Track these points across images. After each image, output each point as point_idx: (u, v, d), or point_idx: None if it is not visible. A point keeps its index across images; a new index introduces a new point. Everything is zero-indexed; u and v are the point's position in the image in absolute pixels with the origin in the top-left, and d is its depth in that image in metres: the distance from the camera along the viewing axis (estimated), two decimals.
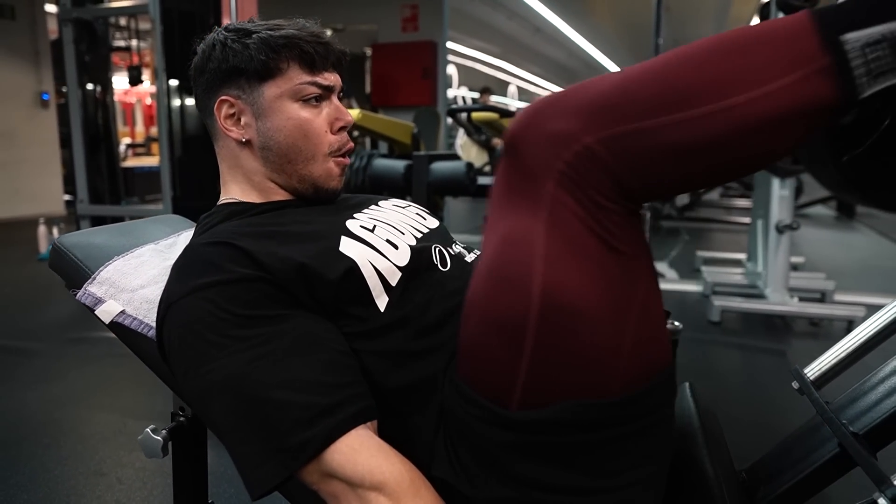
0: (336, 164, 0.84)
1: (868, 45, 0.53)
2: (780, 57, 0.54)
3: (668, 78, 0.55)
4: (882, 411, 0.79)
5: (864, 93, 0.54)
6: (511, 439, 0.61)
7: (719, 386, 2.11)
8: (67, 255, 0.91)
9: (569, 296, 0.56)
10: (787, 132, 0.55)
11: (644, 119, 0.54)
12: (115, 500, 1.42)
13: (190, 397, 0.68)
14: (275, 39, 0.80)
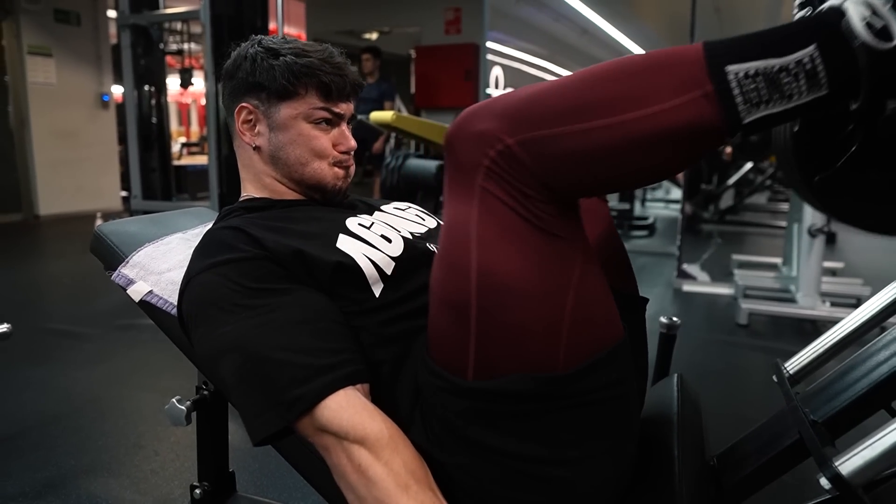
0: (339, 168, 0.93)
1: (747, 76, 0.59)
2: (672, 81, 0.60)
3: (578, 92, 0.61)
4: (841, 401, 0.83)
5: (745, 119, 0.60)
6: (466, 406, 0.68)
7: (735, 385, 2.13)
8: (106, 241, 1.02)
9: (502, 276, 0.63)
10: (678, 148, 0.61)
11: (554, 126, 0.60)
12: (151, 470, 1.55)
13: (203, 357, 0.78)
14: (298, 67, 0.88)
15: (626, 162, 0.62)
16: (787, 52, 0.58)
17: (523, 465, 0.68)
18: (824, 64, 0.58)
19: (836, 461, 0.70)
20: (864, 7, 0.58)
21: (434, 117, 6.25)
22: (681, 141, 0.60)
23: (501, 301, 0.63)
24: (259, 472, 1.53)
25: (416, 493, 0.67)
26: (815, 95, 0.59)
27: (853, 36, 0.58)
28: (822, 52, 0.58)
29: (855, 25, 0.57)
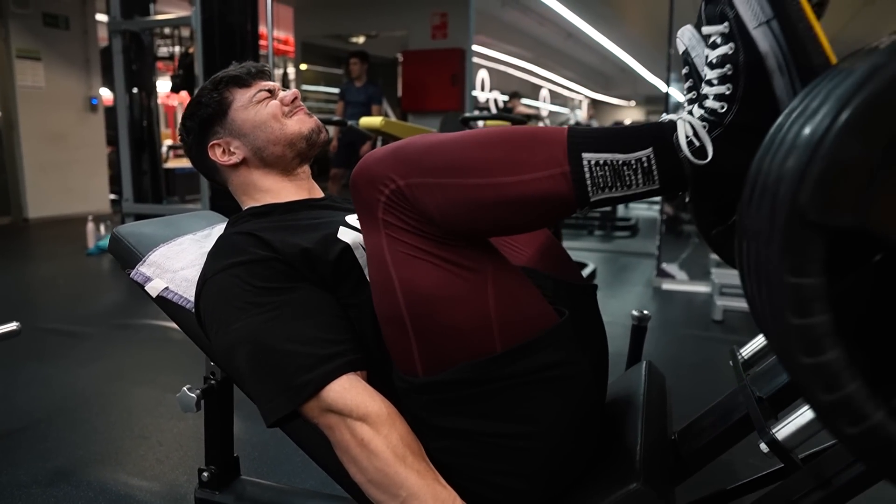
0: (297, 113, 1.07)
1: (597, 164, 0.70)
2: (540, 156, 0.71)
3: (464, 151, 0.72)
4: (783, 380, 0.94)
5: (591, 197, 0.71)
6: (426, 400, 0.78)
7: (707, 375, 2.25)
8: (123, 242, 1.11)
9: (423, 287, 0.73)
10: (535, 211, 0.72)
11: (439, 177, 0.71)
12: (156, 459, 1.64)
13: (219, 350, 0.88)
14: (214, 83, 1.07)
15: (493, 216, 0.72)
16: (630, 150, 0.70)
17: (492, 440, 0.78)
18: (657, 165, 0.70)
19: (774, 429, 0.81)
20: (690, 128, 0.70)
21: (421, 121, 6.36)
22: (538, 205, 0.71)
23: (429, 308, 0.73)
24: (259, 460, 1.63)
25: (412, 463, 0.77)
26: (649, 188, 0.71)
27: (679, 149, 0.70)
28: (656, 156, 0.70)
29: (680, 141, 0.70)
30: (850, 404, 0.51)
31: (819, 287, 0.50)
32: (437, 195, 0.71)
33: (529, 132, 0.74)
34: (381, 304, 0.78)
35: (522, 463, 0.79)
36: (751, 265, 0.56)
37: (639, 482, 0.78)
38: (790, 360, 0.52)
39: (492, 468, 0.79)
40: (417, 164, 0.72)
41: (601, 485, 0.83)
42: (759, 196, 0.55)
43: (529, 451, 0.79)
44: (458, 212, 0.71)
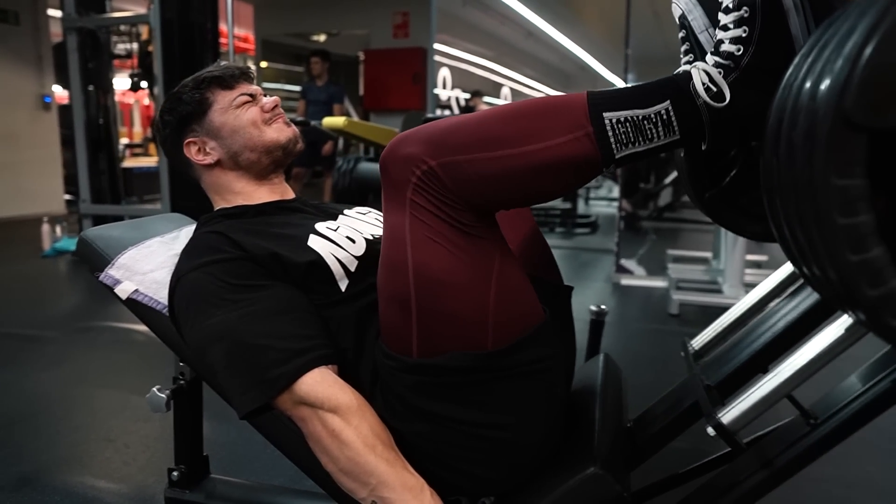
0: (277, 122, 1.09)
1: (618, 122, 0.74)
2: (563, 122, 0.75)
3: (490, 126, 0.76)
4: (729, 368, 1.01)
5: (616, 154, 0.75)
6: (414, 380, 0.82)
7: (663, 367, 2.33)
8: (92, 245, 1.12)
9: (434, 271, 0.77)
10: (565, 174, 0.77)
11: (468, 153, 0.74)
12: (123, 462, 1.64)
13: (193, 345, 0.90)
14: (196, 81, 1.07)
15: (525, 184, 0.76)
16: (649, 105, 0.74)
17: (468, 429, 0.82)
18: (676, 116, 0.74)
19: (720, 414, 0.88)
20: (705, 74, 0.74)
21: (383, 119, 6.38)
22: (567, 169, 0.76)
23: (435, 292, 0.77)
24: (227, 459, 1.64)
25: (381, 452, 0.81)
26: (670, 139, 0.75)
27: (696, 95, 0.74)
28: (674, 107, 0.74)
29: (697, 88, 0.74)
30: (895, 297, 0.55)
31: (863, 188, 0.54)
32: (468, 171, 0.74)
33: (549, 101, 0.78)
34: (390, 283, 0.80)
35: (493, 452, 0.84)
36: (786, 183, 0.60)
37: (596, 466, 0.84)
38: (838, 259, 0.56)
39: (463, 455, 0.83)
40: (447, 143, 0.75)
41: (561, 470, 0.88)
42: (792, 116, 0.59)
43: (502, 441, 0.83)
44: (490, 185, 0.75)
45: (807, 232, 0.59)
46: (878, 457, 1.71)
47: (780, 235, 0.68)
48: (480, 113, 0.78)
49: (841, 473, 1.60)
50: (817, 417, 0.91)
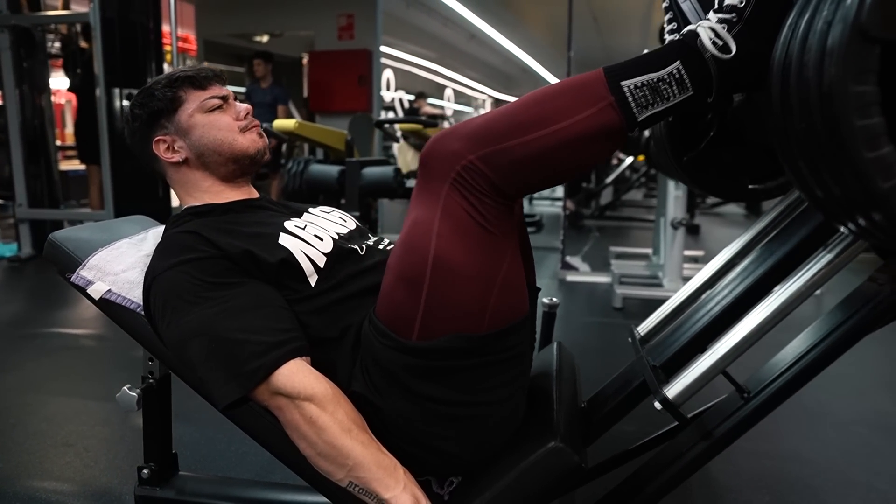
0: (251, 133, 1.12)
1: (636, 87, 0.83)
2: (585, 97, 0.83)
3: (517, 114, 0.84)
4: (672, 349, 1.11)
5: (639, 117, 0.84)
6: (410, 362, 0.87)
7: (610, 357, 2.46)
8: (61, 247, 1.13)
9: (452, 261, 0.83)
10: (597, 144, 0.84)
11: (503, 141, 0.82)
12: (84, 465, 1.64)
13: (170, 342, 0.94)
14: (169, 80, 1.09)
15: (560, 161, 0.84)
16: (661, 68, 0.83)
17: (448, 409, 0.90)
18: (687, 73, 0.83)
19: (665, 390, 0.97)
20: (711, 31, 0.83)
21: (328, 121, 6.36)
22: (596, 139, 0.84)
23: (448, 280, 0.84)
24: (191, 458, 1.66)
25: (356, 435, 0.87)
26: (685, 96, 0.84)
27: (705, 50, 0.83)
28: (685, 65, 0.83)
29: (705, 43, 0.82)
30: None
31: (876, 93, 0.63)
32: (506, 158, 0.81)
33: (568, 82, 0.86)
34: (406, 265, 0.87)
35: (467, 430, 0.91)
36: (802, 100, 0.68)
37: (556, 440, 0.92)
38: (856, 157, 0.64)
39: (437, 433, 0.90)
40: (483, 136, 0.82)
41: (523, 447, 0.95)
42: (802, 44, 0.68)
43: (476, 418, 0.91)
44: (527, 167, 0.82)
45: (826, 139, 0.67)
46: (804, 432, 1.86)
47: (789, 159, 0.76)
48: (508, 105, 0.86)
49: (772, 448, 1.74)
50: (750, 391, 1.02)
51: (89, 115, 4.16)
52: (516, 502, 0.92)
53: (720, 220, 6.71)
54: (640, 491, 1.05)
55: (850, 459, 1.70)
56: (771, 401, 1.00)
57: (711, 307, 1.14)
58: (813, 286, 0.96)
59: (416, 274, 0.85)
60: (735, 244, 1.29)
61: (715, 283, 1.28)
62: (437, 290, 0.85)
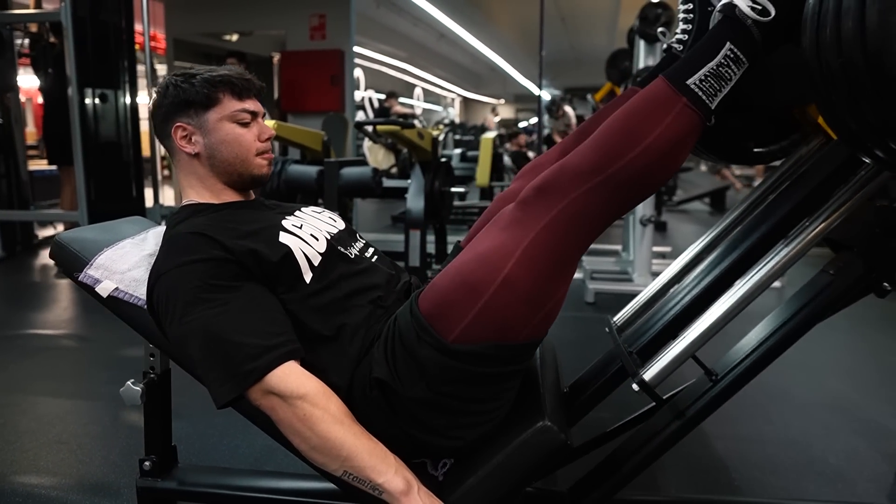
0: (263, 159, 1.16)
1: (701, 80, 0.92)
2: (659, 108, 0.91)
3: (605, 144, 0.92)
4: (647, 337, 1.20)
5: (712, 106, 0.93)
6: (446, 362, 0.94)
7: (585, 349, 2.56)
8: (67, 248, 1.18)
9: (519, 286, 0.91)
10: (683, 143, 0.93)
11: (603, 172, 0.90)
12: (79, 461, 1.67)
13: (174, 339, 0.99)
14: (213, 78, 1.11)
15: (658, 171, 0.93)
16: (716, 53, 0.92)
17: (463, 404, 0.98)
18: (739, 48, 0.92)
19: (642, 373, 1.06)
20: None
21: (300, 121, 6.36)
22: (682, 140, 0.92)
23: (507, 300, 0.92)
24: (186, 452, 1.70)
25: (349, 426, 0.94)
26: (743, 69, 0.93)
27: (746, 18, 0.92)
28: (734, 42, 0.92)
29: (745, 11, 0.91)
30: None
31: None
32: (609, 186, 0.90)
33: (635, 103, 0.94)
34: (474, 271, 0.94)
35: (475, 423, 1.00)
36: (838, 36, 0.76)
37: (544, 420, 1.00)
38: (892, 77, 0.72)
39: (448, 423, 0.98)
40: (583, 171, 0.91)
41: (513, 427, 1.03)
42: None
43: (486, 413, 0.99)
44: (630, 188, 0.92)
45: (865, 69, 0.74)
46: (766, 415, 1.98)
47: (823, 95, 0.84)
48: (591, 140, 0.94)
49: (738, 430, 1.86)
50: (718, 374, 1.12)
51: (60, 115, 4.12)
52: (508, 479, 1.00)
53: (686, 217, 6.91)
54: (618, 469, 1.15)
55: (808, 439, 1.83)
56: (737, 382, 1.11)
57: (681, 298, 1.23)
58: (772, 277, 1.06)
59: (479, 282, 0.92)
60: (701, 240, 1.40)
61: (684, 276, 1.38)
62: (494, 304, 0.92)
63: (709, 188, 7.61)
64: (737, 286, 1.09)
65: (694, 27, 1.13)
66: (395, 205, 6.04)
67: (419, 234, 3.28)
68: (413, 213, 3.26)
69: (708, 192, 7.53)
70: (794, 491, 1.56)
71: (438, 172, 3.36)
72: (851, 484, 1.59)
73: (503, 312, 0.92)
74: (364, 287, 1.09)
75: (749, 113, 1.20)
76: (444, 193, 3.44)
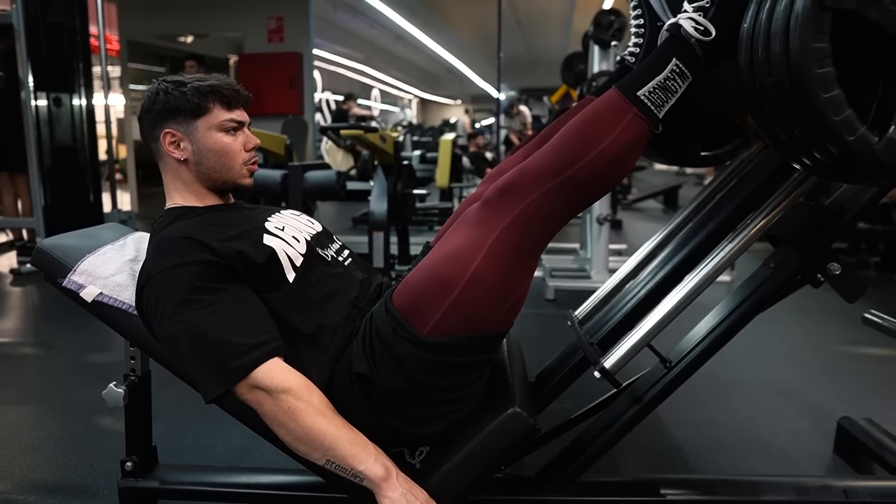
0: (248, 168, 1.21)
1: (651, 92, 1.01)
2: (611, 116, 1.00)
3: (563, 148, 1.00)
4: (606, 328, 1.30)
5: (660, 115, 1.02)
6: (421, 354, 1.01)
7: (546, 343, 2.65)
8: (49, 255, 1.21)
9: (486, 280, 0.99)
10: (634, 150, 1.02)
11: (562, 174, 0.99)
12: (55, 466, 1.67)
13: (163, 338, 1.04)
14: (203, 87, 1.15)
15: (610, 174, 1.01)
16: (663, 68, 1.01)
17: (439, 394, 1.05)
18: (684, 64, 1.02)
19: (603, 360, 1.15)
20: (691, 20, 1.02)
21: (259, 124, 6.34)
22: (634, 147, 1.01)
23: (476, 294, 0.99)
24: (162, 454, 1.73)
25: (331, 417, 1.00)
26: (688, 82, 1.03)
27: (690, 37, 1.01)
28: (680, 58, 1.01)
29: (689, 31, 1.01)
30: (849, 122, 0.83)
31: (829, 49, 0.82)
32: (567, 187, 0.99)
33: (590, 112, 1.02)
34: (444, 268, 1.01)
35: (449, 412, 1.07)
36: (771, 56, 0.86)
37: (514, 407, 1.08)
38: (815, 96, 0.83)
39: (424, 414, 1.05)
40: (541, 174, 0.99)
41: (485, 414, 1.11)
42: (769, 15, 0.86)
43: (459, 402, 1.07)
44: (586, 188, 1.00)
45: (791, 86, 0.85)
46: (716, 401, 2.11)
47: (757, 108, 0.95)
48: (548, 146, 1.03)
49: (691, 416, 1.98)
50: (671, 361, 1.21)
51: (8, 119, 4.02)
52: (481, 464, 1.08)
53: (640, 215, 7.12)
54: (583, 452, 1.23)
55: (755, 422, 1.96)
56: (689, 368, 1.21)
57: (637, 291, 1.33)
58: (719, 270, 1.16)
59: (450, 278, 1.00)
60: (655, 238, 1.50)
61: (639, 272, 1.48)
62: (464, 298, 1.00)
63: (662, 187, 7.84)
64: (687, 279, 1.19)
65: (645, 41, 1.22)
66: (356, 206, 6.06)
67: (382, 235, 3.34)
68: (376, 215, 3.31)
69: (661, 191, 7.77)
70: (744, 469, 1.68)
71: (401, 175, 3.43)
72: (795, 461, 1.72)
73: (472, 305, 1.00)
74: (340, 289, 1.15)
75: (695, 119, 1.30)
76: (407, 195, 3.50)
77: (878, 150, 0.84)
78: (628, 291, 1.37)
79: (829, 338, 2.85)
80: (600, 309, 1.49)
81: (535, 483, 1.26)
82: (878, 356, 2.61)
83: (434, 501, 1.03)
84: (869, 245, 4.07)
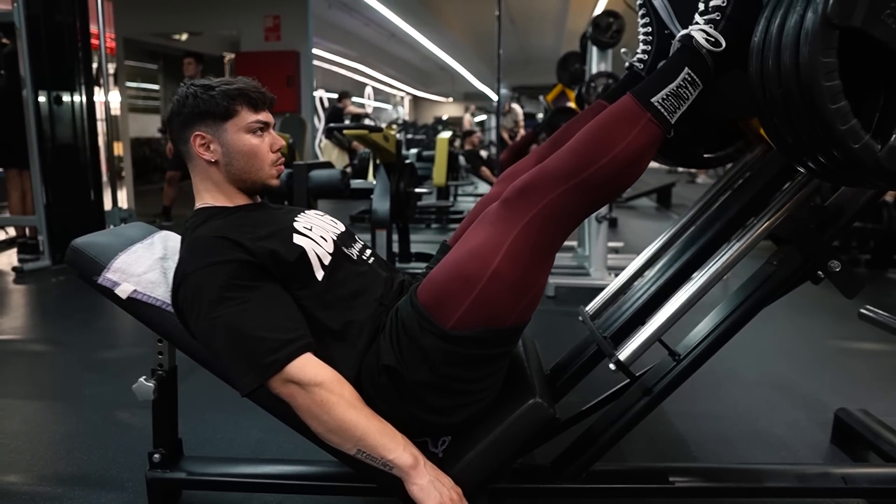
0: (275, 169, 1.26)
1: (664, 99, 1.06)
2: (626, 121, 1.05)
3: (580, 152, 1.05)
4: (619, 323, 1.36)
5: (672, 121, 1.07)
6: (446, 347, 1.06)
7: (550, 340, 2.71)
8: (83, 253, 1.25)
9: (507, 277, 1.04)
10: (646, 155, 1.07)
11: (578, 175, 1.04)
12: (77, 459, 1.71)
13: (200, 335, 1.09)
14: (231, 91, 1.20)
15: (624, 177, 1.07)
16: (676, 76, 1.07)
17: (463, 385, 1.10)
18: (695, 73, 1.07)
19: (618, 353, 1.21)
20: (702, 32, 1.07)
21: None
22: (645, 150, 1.06)
23: (497, 289, 1.05)
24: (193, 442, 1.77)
25: (361, 409, 1.05)
26: (698, 90, 1.08)
27: (701, 48, 1.07)
28: (691, 67, 1.07)
29: (701, 42, 1.07)
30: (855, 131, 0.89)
31: (836, 64, 0.87)
32: (582, 188, 1.04)
33: (606, 117, 1.07)
34: (467, 264, 1.06)
35: (472, 403, 1.12)
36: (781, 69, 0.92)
37: (535, 398, 1.13)
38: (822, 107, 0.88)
39: (449, 404, 1.11)
40: (559, 175, 1.04)
41: (506, 405, 1.16)
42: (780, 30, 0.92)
43: (482, 393, 1.12)
44: (600, 190, 1.05)
45: (800, 97, 0.91)
46: (717, 394, 2.18)
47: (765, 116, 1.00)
48: (565, 148, 1.08)
49: (694, 409, 2.05)
50: (680, 355, 1.27)
51: (7, 116, 4.04)
52: (503, 452, 1.14)
53: (634, 213, 7.19)
54: (595, 441, 1.29)
55: (754, 414, 2.03)
56: (697, 361, 1.27)
57: (647, 288, 1.39)
58: (727, 268, 1.22)
59: (473, 274, 1.05)
60: (659, 239, 1.56)
61: (645, 270, 1.54)
62: (485, 294, 1.05)
63: (655, 185, 7.93)
64: (696, 277, 1.25)
65: (653, 48, 1.28)
66: (354, 204, 6.10)
67: (385, 234, 3.38)
68: (379, 213, 3.36)
69: (654, 189, 7.85)
70: (746, 458, 1.74)
71: (403, 173, 3.47)
72: (793, 450, 1.79)
73: (494, 300, 1.05)
74: (367, 287, 1.21)
75: (698, 122, 1.36)
76: (409, 194, 3.55)
77: (881, 157, 0.91)
78: (637, 289, 1.43)
79: (823, 333, 2.93)
80: (609, 306, 1.55)
81: (549, 471, 1.32)
82: (870, 350, 2.69)
83: (459, 487, 1.08)
84: (860, 242, 4.17)
